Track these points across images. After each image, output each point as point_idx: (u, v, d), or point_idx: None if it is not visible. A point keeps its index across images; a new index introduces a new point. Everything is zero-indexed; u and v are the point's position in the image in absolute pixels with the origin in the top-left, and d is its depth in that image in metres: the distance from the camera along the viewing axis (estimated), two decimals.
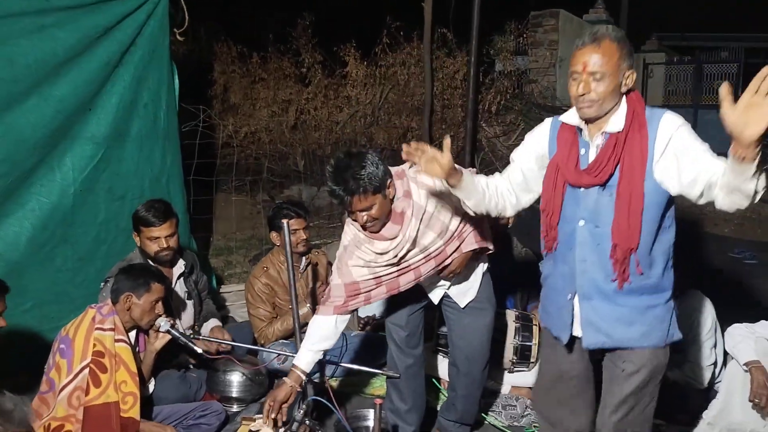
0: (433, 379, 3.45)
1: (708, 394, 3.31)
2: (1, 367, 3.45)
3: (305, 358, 2.56)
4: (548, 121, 2.28)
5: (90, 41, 3.67)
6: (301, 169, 8.54)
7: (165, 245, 3.25)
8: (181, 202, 4.28)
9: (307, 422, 2.39)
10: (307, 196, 8.14)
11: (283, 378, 2.56)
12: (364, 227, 2.41)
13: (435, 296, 2.82)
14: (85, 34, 3.63)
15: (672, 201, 2.09)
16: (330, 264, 4.03)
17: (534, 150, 2.27)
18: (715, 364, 3.38)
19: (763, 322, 3.10)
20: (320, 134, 8.57)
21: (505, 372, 3.54)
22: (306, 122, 8.61)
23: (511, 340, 3.44)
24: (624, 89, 2.02)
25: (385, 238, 2.45)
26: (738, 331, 3.06)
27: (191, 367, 3.35)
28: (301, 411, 2.38)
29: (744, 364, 2.92)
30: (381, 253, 2.47)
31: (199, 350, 2.86)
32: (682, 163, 1.96)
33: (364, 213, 2.36)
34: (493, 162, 7.56)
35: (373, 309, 4.25)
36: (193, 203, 5.26)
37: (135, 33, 3.92)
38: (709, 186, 1.90)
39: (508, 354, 3.45)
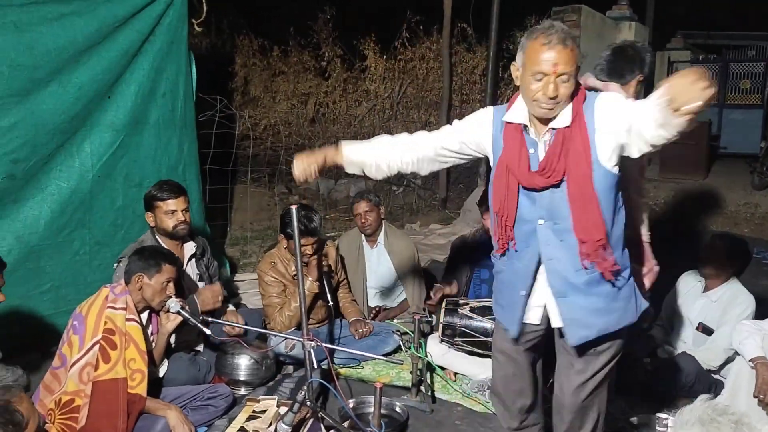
0: (437, 366, 3.47)
1: (712, 387, 3.30)
2: (16, 345, 3.57)
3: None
4: (490, 112, 2.24)
5: (109, 30, 3.75)
6: None
7: (182, 218, 3.34)
8: (197, 189, 4.36)
9: (308, 404, 2.43)
10: (325, 189, 8.21)
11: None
12: None
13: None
14: (104, 23, 3.71)
15: (620, 180, 2.09)
16: (342, 258, 4.09)
17: (476, 135, 2.24)
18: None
19: None
20: (338, 127, 8.64)
21: None
22: (324, 115, 8.68)
23: None
24: None
25: None
26: (745, 327, 3.05)
27: (201, 350, 3.42)
28: (303, 392, 2.42)
29: (750, 360, 2.91)
30: None
31: (209, 332, 2.91)
32: (619, 130, 1.96)
33: None
34: None
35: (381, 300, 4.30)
36: (210, 192, 5.35)
37: (154, 23, 4.00)
38: (638, 132, 1.89)
39: None
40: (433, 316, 3.79)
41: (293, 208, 2.67)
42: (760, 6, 11.62)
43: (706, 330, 3.44)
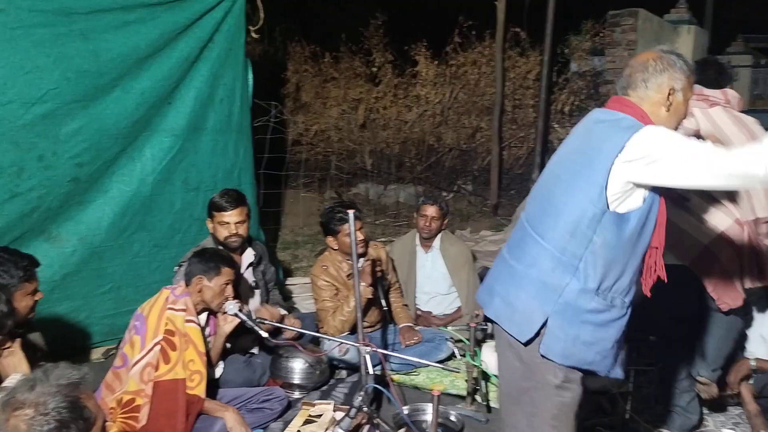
0: (493, 375, 3.41)
1: None
2: (78, 344, 3.66)
3: None
4: None
5: (170, 37, 3.84)
6: (369, 168, 8.62)
7: (234, 231, 3.35)
8: (252, 194, 4.41)
9: (365, 409, 2.42)
10: (374, 194, 8.23)
11: None
12: None
13: None
14: (165, 30, 3.80)
15: None
16: (391, 259, 4.07)
17: None
18: None
19: None
20: (389, 133, 8.64)
21: None
22: (375, 121, 8.70)
23: None
24: None
25: None
26: None
27: (256, 352, 3.44)
28: (360, 397, 2.41)
29: None
30: None
31: (265, 334, 2.93)
32: None
33: None
34: None
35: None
36: (263, 197, 5.41)
37: (213, 30, 4.07)
38: None
39: None
40: (488, 324, 3.73)
41: (351, 213, 2.66)
42: None
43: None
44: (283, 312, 3.65)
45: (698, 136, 2.84)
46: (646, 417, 3.05)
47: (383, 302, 3.58)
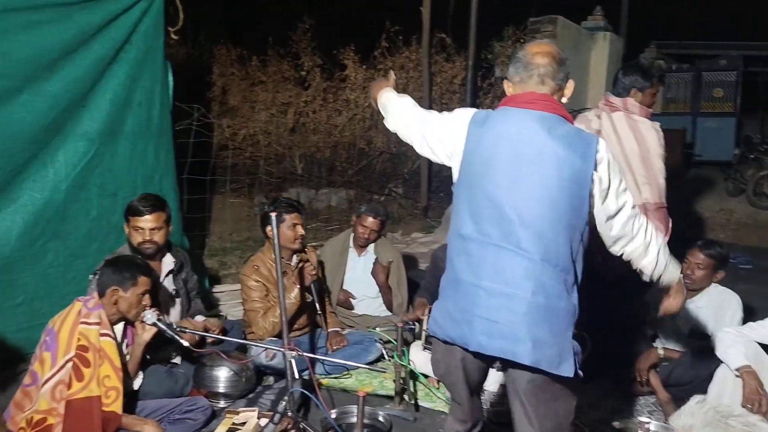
0: (421, 374, 3.44)
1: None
2: None
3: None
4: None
5: (84, 38, 3.70)
6: (300, 172, 8.56)
7: (148, 237, 3.23)
8: (174, 199, 4.29)
9: (290, 415, 2.39)
10: (306, 199, 8.16)
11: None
12: None
13: None
14: (79, 31, 3.66)
15: None
16: (321, 262, 4.06)
17: None
18: None
19: (750, 324, 3.09)
20: (319, 137, 8.60)
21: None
22: (305, 125, 8.66)
23: None
24: None
25: None
26: (728, 336, 3.02)
27: (178, 362, 3.35)
28: (284, 403, 2.38)
29: (735, 370, 2.89)
30: None
31: (186, 343, 2.85)
32: None
33: None
34: None
35: None
36: (189, 202, 5.28)
37: (129, 31, 3.95)
38: None
39: None
40: (416, 324, 3.77)
41: (273, 215, 2.64)
42: (731, 16, 11.86)
43: (701, 336, 3.43)
44: (211, 320, 3.57)
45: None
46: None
47: (317, 305, 3.55)
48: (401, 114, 2.39)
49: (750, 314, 3.65)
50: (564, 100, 2.16)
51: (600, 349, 3.47)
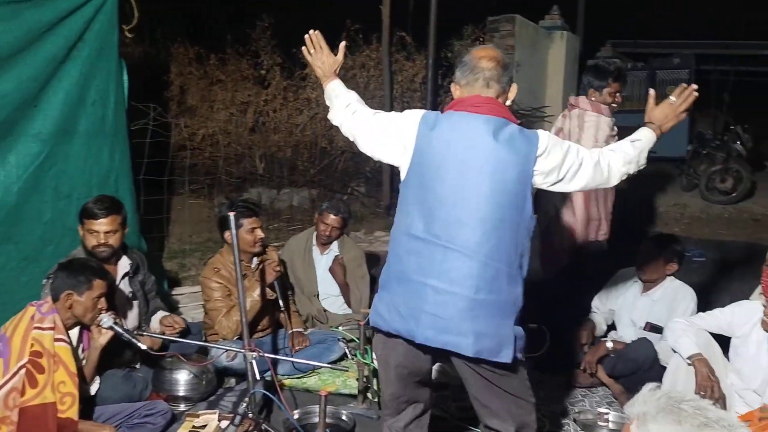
0: None
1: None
2: None
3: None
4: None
5: (34, 36, 3.59)
6: (261, 172, 8.48)
7: (103, 240, 3.18)
8: (130, 201, 4.20)
9: (251, 416, 2.37)
10: (267, 199, 8.10)
11: None
12: None
13: None
14: (29, 29, 3.56)
15: None
16: (282, 261, 4.03)
17: None
18: None
19: (700, 314, 3.19)
20: (280, 136, 8.52)
21: None
22: (265, 124, 8.56)
23: None
24: None
25: None
26: (678, 325, 3.11)
27: (137, 366, 3.29)
28: (245, 404, 2.36)
29: (687, 358, 2.98)
30: None
31: (144, 347, 2.81)
32: None
33: None
34: None
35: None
36: (146, 204, 5.19)
37: (82, 29, 3.85)
38: None
39: None
40: None
41: (231, 215, 2.61)
42: (683, 15, 12.18)
43: (655, 329, 3.51)
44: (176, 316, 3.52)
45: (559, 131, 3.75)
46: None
47: (281, 303, 3.52)
48: (354, 115, 2.46)
49: (705, 304, 3.76)
50: (508, 102, 2.27)
51: (560, 342, 3.54)
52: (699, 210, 8.47)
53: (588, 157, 2.25)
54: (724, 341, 3.09)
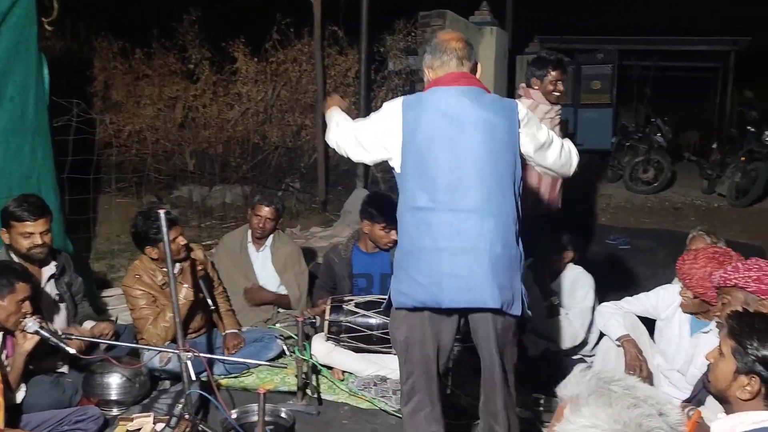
0: (323, 367, 3.44)
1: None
2: None
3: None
4: None
5: None
6: (191, 169, 8.30)
7: (39, 242, 3.06)
8: (54, 200, 4.03)
9: (188, 417, 2.32)
10: (199, 196, 7.93)
11: None
12: None
13: None
14: None
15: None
16: (213, 263, 3.95)
17: None
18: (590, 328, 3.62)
19: (627, 298, 3.32)
20: (210, 132, 8.37)
21: None
22: (195, 120, 8.39)
23: None
24: None
25: None
26: (607, 309, 3.27)
27: (66, 371, 3.17)
28: (181, 405, 2.31)
29: (616, 340, 3.11)
30: None
31: (72, 351, 2.70)
32: None
33: None
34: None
35: None
36: (72, 203, 5.01)
37: None
38: None
39: None
40: (318, 318, 3.75)
41: (162, 212, 2.54)
42: (607, 12, 12.62)
43: (553, 314, 3.64)
44: (102, 324, 3.39)
45: None
46: (466, 390, 3.22)
47: (210, 301, 3.43)
48: (339, 128, 2.54)
49: (631, 289, 3.92)
50: (477, 76, 2.42)
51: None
52: (624, 200, 8.82)
53: (555, 137, 2.46)
54: (650, 324, 3.23)
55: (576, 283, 3.67)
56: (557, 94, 3.81)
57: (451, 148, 2.25)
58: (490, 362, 2.37)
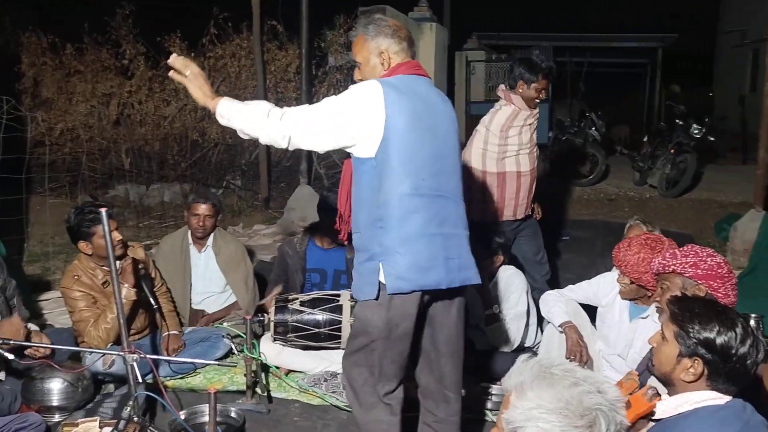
0: (273, 367, 3.42)
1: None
2: None
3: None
4: None
5: None
6: (127, 167, 8.07)
7: None
8: None
9: (136, 420, 2.27)
10: (135, 195, 7.73)
11: None
12: None
13: None
14: None
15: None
16: (152, 260, 3.85)
17: None
18: (527, 325, 3.68)
19: (570, 286, 3.43)
20: (146, 129, 8.17)
21: None
22: (130, 117, 8.17)
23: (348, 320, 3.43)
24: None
25: None
26: (550, 297, 3.37)
27: (2, 378, 3.03)
28: (128, 408, 2.25)
29: (559, 326, 3.21)
30: None
31: (10, 357, 2.59)
32: None
33: None
34: (329, 154, 7.61)
35: None
36: (2, 204, 4.82)
37: None
38: None
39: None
40: (265, 315, 3.71)
41: (104, 211, 2.47)
42: (542, 9, 12.95)
43: (491, 319, 3.66)
44: (34, 328, 3.26)
45: None
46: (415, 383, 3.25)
47: (152, 301, 3.34)
48: (280, 119, 2.27)
49: (572, 278, 4.04)
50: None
51: None
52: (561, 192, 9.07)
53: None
54: (592, 311, 3.35)
55: (509, 286, 3.69)
56: (537, 102, 3.90)
57: (435, 135, 2.33)
58: (456, 337, 2.49)
